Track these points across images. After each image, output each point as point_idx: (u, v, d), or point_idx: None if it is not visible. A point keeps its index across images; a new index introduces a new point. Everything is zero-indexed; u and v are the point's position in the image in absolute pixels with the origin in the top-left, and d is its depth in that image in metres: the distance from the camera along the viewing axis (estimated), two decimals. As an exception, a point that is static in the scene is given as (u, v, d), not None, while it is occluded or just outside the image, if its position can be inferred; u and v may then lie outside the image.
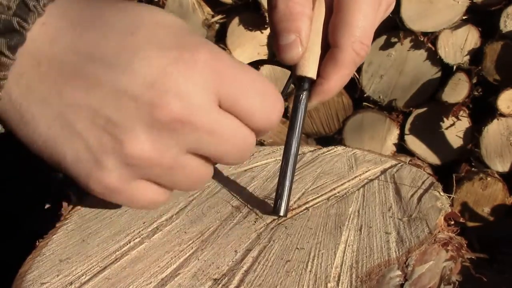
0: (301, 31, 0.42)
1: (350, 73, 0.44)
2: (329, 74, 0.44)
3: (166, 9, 1.80)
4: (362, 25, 0.43)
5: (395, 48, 1.64)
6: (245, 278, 0.36)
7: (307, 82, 0.44)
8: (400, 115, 1.73)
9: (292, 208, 0.47)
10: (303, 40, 0.42)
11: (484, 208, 1.64)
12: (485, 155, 1.60)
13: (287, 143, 0.44)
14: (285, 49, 0.43)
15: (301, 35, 0.42)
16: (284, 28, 0.42)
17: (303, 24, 0.42)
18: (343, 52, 0.43)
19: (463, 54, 1.58)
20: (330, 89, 0.44)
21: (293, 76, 0.45)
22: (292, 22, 0.42)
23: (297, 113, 0.44)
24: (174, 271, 0.37)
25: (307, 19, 0.42)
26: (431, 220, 0.43)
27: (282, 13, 0.42)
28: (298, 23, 0.42)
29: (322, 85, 0.44)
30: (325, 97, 0.45)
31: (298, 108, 0.44)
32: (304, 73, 0.44)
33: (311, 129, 1.82)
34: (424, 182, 0.51)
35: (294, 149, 0.44)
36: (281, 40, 0.42)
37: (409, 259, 0.37)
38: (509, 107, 1.53)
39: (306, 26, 0.42)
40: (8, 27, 0.34)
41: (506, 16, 1.50)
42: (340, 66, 0.43)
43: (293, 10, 0.42)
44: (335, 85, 0.44)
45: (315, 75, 0.44)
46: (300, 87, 0.44)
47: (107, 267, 0.38)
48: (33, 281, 0.36)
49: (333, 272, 0.36)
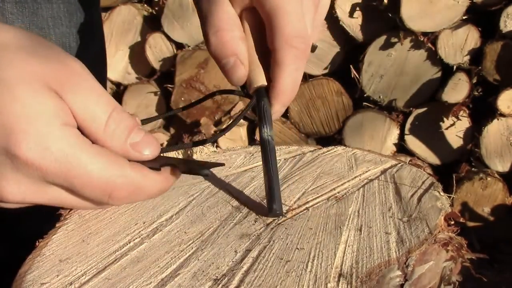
0: (237, 52, 0.45)
1: (298, 68, 0.45)
2: (276, 75, 0.45)
3: (166, 9, 1.80)
4: (290, 20, 0.44)
5: (395, 48, 1.64)
6: (245, 278, 0.36)
7: (263, 91, 0.46)
8: (400, 115, 1.73)
9: (292, 208, 0.47)
10: (243, 60, 0.45)
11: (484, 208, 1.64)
12: (485, 155, 1.60)
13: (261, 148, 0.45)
14: (230, 72, 0.45)
15: (240, 56, 0.45)
16: (222, 55, 0.45)
17: (237, 46, 0.45)
18: (280, 51, 0.45)
19: (463, 54, 1.58)
20: (283, 88, 0.45)
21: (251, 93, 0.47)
22: (226, 48, 0.45)
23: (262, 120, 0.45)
24: (174, 271, 0.37)
25: (238, 40, 0.45)
26: (431, 220, 0.43)
27: (215, 44, 0.45)
28: (232, 46, 0.45)
29: (274, 87, 0.46)
30: (283, 98, 0.46)
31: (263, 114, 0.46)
32: (256, 83, 0.46)
33: (311, 129, 1.82)
34: (424, 182, 0.51)
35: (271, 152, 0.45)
36: (224, 65, 0.45)
37: (409, 259, 0.37)
38: (509, 107, 1.53)
39: (240, 47, 0.45)
40: None
41: (506, 16, 1.50)
42: (282, 65, 0.45)
43: (223, 38, 0.45)
44: (286, 84, 0.45)
45: (264, 81, 0.46)
46: (259, 97, 0.46)
47: (107, 267, 0.38)
48: (33, 281, 0.36)
49: (333, 272, 0.36)
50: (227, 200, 0.48)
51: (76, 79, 0.39)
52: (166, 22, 1.81)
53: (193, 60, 1.81)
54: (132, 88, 1.94)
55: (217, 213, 0.46)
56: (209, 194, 0.50)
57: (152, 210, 0.46)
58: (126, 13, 1.90)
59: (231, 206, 0.47)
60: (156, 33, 1.84)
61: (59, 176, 0.37)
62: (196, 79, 1.83)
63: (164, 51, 1.86)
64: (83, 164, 0.38)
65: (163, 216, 0.46)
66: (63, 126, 0.37)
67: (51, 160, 0.37)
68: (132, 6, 1.90)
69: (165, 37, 1.83)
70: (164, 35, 1.83)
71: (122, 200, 0.40)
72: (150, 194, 0.41)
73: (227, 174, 0.55)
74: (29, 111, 0.36)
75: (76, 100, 0.38)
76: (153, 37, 1.84)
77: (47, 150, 0.37)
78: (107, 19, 1.89)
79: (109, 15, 1.90)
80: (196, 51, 1.79)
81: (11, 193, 0.38)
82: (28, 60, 0.38)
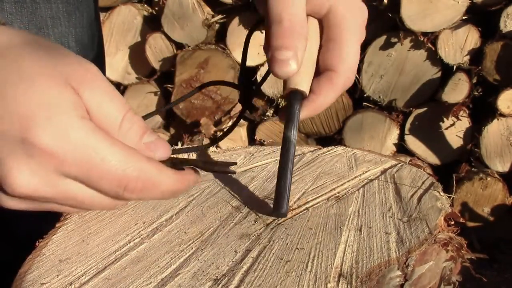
0: (297, 49, 0.44)
1: (338, 95, 0.48)
2: (323, 92, 0.47)
3: (166, 9, 1.80)
4: (354, 54, 0.48)
5: (395, 48, 1.64)
6: (245, 278, 0.36)
7: (299, 96, 0.46)
8: (400, 115, 1.73)
9: (292, 208, 0.47)
10: (299, 58, 0.44)
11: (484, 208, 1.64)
12: (485, 155, 1.60)
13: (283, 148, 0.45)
14: (281, 64, 0.45)
15: (298, 53, 0.44)
16: (284, 44, 0.44)
17: (301, 43, 0.45)
18: (339, 77, 0.47)
19: (463, 54, 1.58)
20: (321, 105, 0.48)
21: (286, 89, 0.47)
22: (293, 39, 0.44)
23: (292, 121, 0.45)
24: (174, 271, 0.37)
25: (304, 39, 0.45)
26: (431, 220, 0.43)
27: (285, 30, 0.44)
28: (298, 42, 0.44)
29: (315, 102, 0.47)
30: (314, 112, 0.48)
31: (294, 117, 0.45)
32: (298, 86, 0.46)
33: (311, 129, 1.82)
34: (424, 182, 0.51)
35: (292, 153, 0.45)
36: (279, 54, 0.44)
37: (409, 259, 0.37)
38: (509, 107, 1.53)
39: (303, 45, 0.45)
40: None
41: (506, 16, 1.50)
42: (334, 87, 0.47)
43: (294, 29, 0.44)
44: (325, 102, 0.48)
45: (307, 90, 0.47)
46: (294, 100, 0.46)
47: (107, 267, 0.38)
48: (33, 281, 0.36)
49: (333, 272, 0.36)
50: (227, 200, 0.48)
51: (92, 79, 0.39)
52: (166, 22, 1.80)
53: (193, 60, 1.81)
54: (132, 88, 1.94)
55: (217, 213, 0.46)
56: (209, 194, 0.50)
57: (152, 210, 0.46)
58: (126, 13, 1.90)
59: (231, 206, 0.47)
60: (156, 33, 1.84)
61: (76, 165, 0.37)
62: (196, 79, 1.83)
63: (164, 51, 1.86)
64: (102, 154, 0.37)
65: (163, 216, 0.46)
66: (81, 118, 0.37)
67: (69, 149, 0.36)
68: (132, 6, 1.90)
69: (165, 37, 1.83)
70: (164, 35, 1.83)
71: (137, 194, 0.39)
72: (164, 191, 0.41)
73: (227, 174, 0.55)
74: (48, 100, 0.37)
75: (92, 98, 0.38)
76: (153, 37, 1.84)
77: (65, 139, 0.36)
78: (107, 19, 1.89)
79: (109, 15, 1.90)
80: (196, 51, 1.79)
81: (22, 184, 0.37)
82: (47, 57, 0.38)
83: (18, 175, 0.36)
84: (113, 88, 0.40)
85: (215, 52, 1.78)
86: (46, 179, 0.37)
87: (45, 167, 0.37)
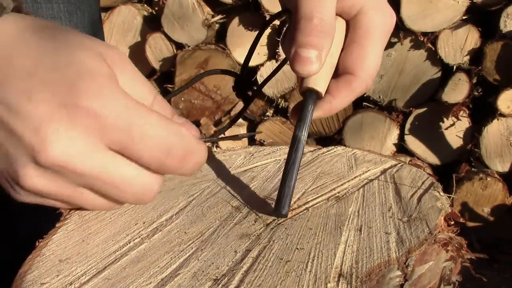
0: (323, 49, 0.44)
1: (353, 99, 0.48)
2: (341, 95, 0.47)
3: (166, 9, 1.80)
4: (376, 61, 0.47)
5: (395, 48, 1.64)
6: (245, 278, 0.36)
7: (315, 95, 0.46)
8: (400, 115, 1.73)
9: (292, 208, 0.47)
10: (322, 58, 0.44)
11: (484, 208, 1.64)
12: (485, 155, 1.60)
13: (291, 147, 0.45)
14: (304, 61, 0.44)
15: (323, 53, 0.44)
16: (310, 42, 0.44)
17: (326, 44, 0.44)
18: (359, 82, 0.47)
19: (463, 54, 1.58)
20: (336, 107, 0.47)
21: (302, 87, 0.46)
22: (319, 39, 0.44)
23: (304, 121, 0.45)
24: (174, 271, 0.37)
25: (330, 40, 0.44)
26: (431, 220, 0.43)
27: (314, 27, 0.44)
28: (324, 42, 0.44)
29: (330, 103, 0.47)
30: (327, 113, 0.48)
31: (307, 116, 0.45)
32: (316, 86, 0.45)
33: (311, 129, 1.82)
34: (424, 182, 0.51)
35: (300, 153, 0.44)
36: (303, 51, 0.44)
37: (409, 259, 0.37)
38: (509, 107, 1.53)
39: (328, 46, 0.44)
40: None
41: (506, 16, 1.50)
42: (352, 92, 0.47)
43: (324, 29, 0.44)
44: (340, 105, 0.47)
45: (324, 91, 0.46)
46: (309, 99, 0.46)
47: (107, 267, 0.38)
48: (33, 281, 0.36)
49: (333, 272, 0.36)
50: (227, 200, 0.48)
51: (123, 62, 0.40)
52: (166, 22, 1.80)
53: (193, 60, 1.81)
54: (132, 88, 1.94)
55: (217, 213, 0.46)
56: (209, 194, 0.50)
57: (152, 210, 0.46)
58: (126, 13, 1.90)
59: (231, 206, 0.47)
60: (156, 33, 1.84)
61: (120, 130, 0.36)
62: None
63: (164, 51, 1.86)
64: (144, 120, 0.37)
65: (163, 216, 0.46)
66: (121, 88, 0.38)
67: (113, 113, 0.36)
68: (132, 6, 1.90)
69: (165, 37, 1.83)
70: (164, 35, 1.83)
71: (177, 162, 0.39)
72: (198, 160, 0.40)
73: (227, 174, 0.55)
74: (91, 68, 0.37)
75: (124, 78, 0.39)
76: (153, 37, 1.84)
77: (109, 102, 0.36)
78: (107, 19, 1.89)
79: (109, 15, 1.90)
80: (196, 51, 1.79)
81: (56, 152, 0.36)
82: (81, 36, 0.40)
83: (54, 141, 0.36)
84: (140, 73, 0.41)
85: (215, 52, 1.78)
86: (85, 149, 0.37)
87: (87, 134, 0.36)
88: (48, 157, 0.36)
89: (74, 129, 0.36)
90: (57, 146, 0.36)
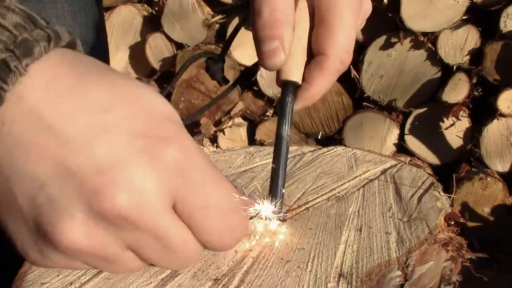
0: (283, 38, 0.42)
1: (334, 80, 0.45)
2: (315, 79, 0.44)
3: (166, 9, 1.80)
4: (347, 34, 0.44)
5: (395, 48, 1.64)
6: (245, 278, 0.36)
7: (292, 86, 0.45)
8: (400, 115, 1.72)
9: (292, 208, 0.47)
10: (285, 47, 0.42)
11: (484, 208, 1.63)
12: (485, 155, 1.60)
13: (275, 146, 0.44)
14: (268, 55, 0.43)
15: (284, 42, 0.42)
16: (267, 35, 0.42)
17: (285, 31, 0.42)
18: (330, 60, 0.44)
19: (463, 54, 1.58)
20: (315, 94, 0.45)
21: (278, 81, 0.45)
22: (275, 29, 0.42)
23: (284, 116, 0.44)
24: (174, 271, 0.37)
25: (289, 27, 0.43)
26: (431, 220, 0.43)
27: (266, 20, 0.42)
28: (281, 31, 0.42)
29: (308, 90, 0.45)
30: (310, 101, 0.45)
31: (286, 110, 0.44)
32: (289, 77, 0.44)
33: (311, 129, 1.81)
34: (424, 182, 0.51)
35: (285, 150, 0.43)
36: (264, 46, 0.43)
37: (409, 259, 0.37)
38: (509, 107, 1.53)
39: (288, 33, 0.43)
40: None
41: (506, 16, 1.50)
42: (326, 73, 0.44)
43: (276, 18, 0.42)
44: (319, 91, 0.45)
45: (300, 79, 0.45)
46: (286, 91, 0.45)
47: (107, 267, 0.38)
48: (33, 281, 0.36)
49: (333, 272, 0.36)
50: (227, 200, 0.48)
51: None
52: (166, 22, 1.80)
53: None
54: (132, 88, 1.94)
55: (217, 213, 0.46)
56: (209, 194, 0.50)
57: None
58: (126, 13, 1.90)
59: (231, 206, 0.47)
60: (156, 33, 1.84)
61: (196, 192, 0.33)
62: (196, 79, 1.83)
63: (164, 51, 1.86)
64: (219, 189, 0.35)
65: (163, 216, 0.45)
66: None
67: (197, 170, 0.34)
68: (132, 6, 1.90)
69: (165, 37, 1.83)
70: (164, 35, 1.83)
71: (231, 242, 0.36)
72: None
73: (227, 174, 0.55)
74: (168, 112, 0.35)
75: None
76: (153, 37, 1.84)
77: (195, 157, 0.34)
78: (107, 19, 1.89)
79: (109, 15, 1.90)
80: (196, 51, 1.79)
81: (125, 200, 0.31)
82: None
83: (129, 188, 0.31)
84: None
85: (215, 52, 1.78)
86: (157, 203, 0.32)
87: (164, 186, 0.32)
88: (112, 205, 0.31)
89: (149, 177, 0.32)
90: (126, 195, 0.31)
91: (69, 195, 0.31)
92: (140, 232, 0.32)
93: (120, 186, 0.31)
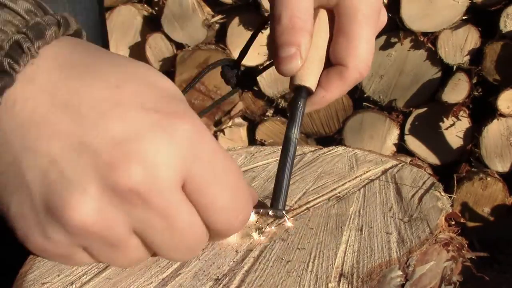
0: (301, 45, 0.43)
1: (348, 90, 0.47)
2: (332, 87, 0.46)
3: (166, 9, 1.80)
4: (367, 47, 0.45)
5: (395, 48, 1.64)
6: (246, 278, 0.36)
7: (305, 92, 0.46)
8: (400, 115, 1.73)
9: (293, 208, 0.47)
10: (302, 53, 0.43)
11: (484, 208, 1.63)
12: (485, 155, 1.60)
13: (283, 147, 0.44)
14: (284, 61, 0.44)
15: (301, 49, 0.43)
16: (286, 41, 0.43)
17: (303, 38, 0.43)
18: (350, 71, 0.45)
19: (463, 54, 1.58)
20: (327, 100, 0.47)
21: (291, 85, 0.46)
22: (293, 36, 0.43)
23: (294, 119, 0.45)
24: (175, 271, 0.37)
25: (307, 34, 0.44)
26: (432, 220, 0.43)
27: (285, 27, 0.43)
28: (299, 37, 0.43)
29: (323, 96, 0.46)
30: (319, 106, 0.47)
31: (296, 114, 0.45)
32: (303, 82, 0.45)
33: (311, 129, 1.82)
34: (425, 183, 0.51)
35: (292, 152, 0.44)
36: (282, 52, 0.44)
37: (410, 259, 0.37)
38: (509, 107, 1.53)
39: (306, 40, 0.44)
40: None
41: (506, 16, 1.50)
42: (344, 83, 0.46)
43: (295, 25, 0.43)
44: (332, 98, 0.47)
45: (314, 86, 0.46)
46: (299, 96, 0.46)
47: (108, 267, 0.38)
48: (34, 281, 0.36)
49: (334, 272, 0.36)
50: (227, 200, 0.48)
51: None
52: (166, 22, 1.80)
53: (193, 60, 1.80)
54: (132, 88, 1.94)
55: (218, 213, 0.46)
56: (209, 194, 0.50)
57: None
58: (126, 13, 1.90)
59: (232, 206, 0.47)
60: (156, 33, 1.84)
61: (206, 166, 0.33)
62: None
63: (164, 51, 1.86)
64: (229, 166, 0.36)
65: (164, 216, 0.45)
66: None
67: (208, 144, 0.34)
68: (132, 6, 1.90)
69: (165, 37, 1.83)
70: (164, 35, 1.83)
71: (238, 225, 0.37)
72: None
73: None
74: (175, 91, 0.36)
75: None
76: (153, 37, 1.84)
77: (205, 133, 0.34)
78: (107, 19, 1.89)
79: (109, 15, 1.90)
80: (196, 51, 1.79)
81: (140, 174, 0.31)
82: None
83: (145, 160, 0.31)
84: None
85: (215, 52, 1.78)
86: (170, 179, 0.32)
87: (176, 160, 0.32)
88: (127, 179, 0.31)
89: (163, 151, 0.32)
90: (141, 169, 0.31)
91: (83, 169, 0.31)
92: (149, 211, 0.32)
93: (135, 159, 0.31)
